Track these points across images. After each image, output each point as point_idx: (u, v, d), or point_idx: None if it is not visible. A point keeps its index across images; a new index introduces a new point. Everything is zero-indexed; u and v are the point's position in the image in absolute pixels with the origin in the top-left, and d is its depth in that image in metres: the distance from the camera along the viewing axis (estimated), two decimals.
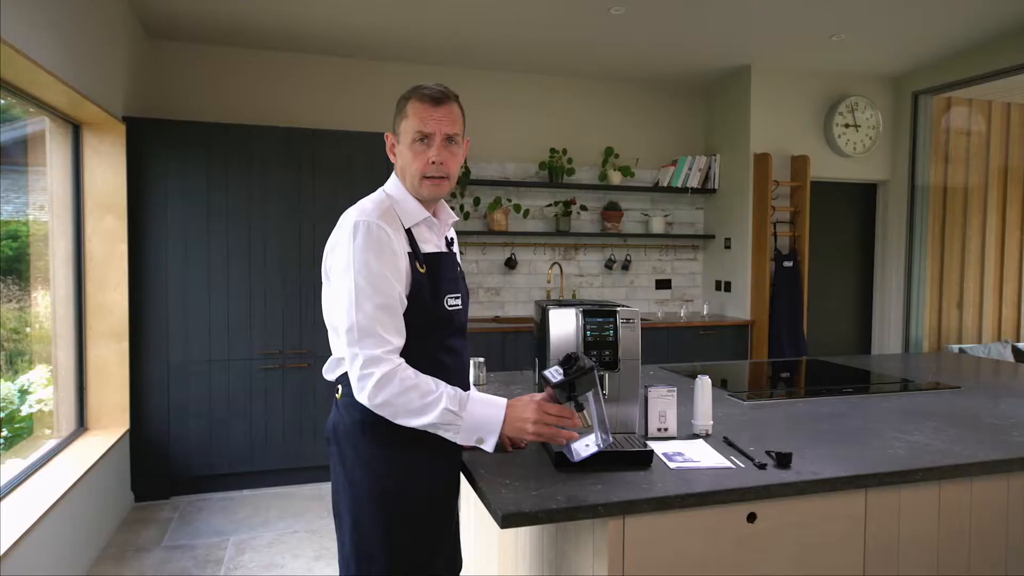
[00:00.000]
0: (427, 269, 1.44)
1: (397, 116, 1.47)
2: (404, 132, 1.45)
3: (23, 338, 3.08)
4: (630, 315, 1.56)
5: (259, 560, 2.94)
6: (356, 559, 1.42)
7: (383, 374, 1.30)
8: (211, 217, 3.64)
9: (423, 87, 1.45)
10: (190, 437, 3.64)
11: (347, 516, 1.44)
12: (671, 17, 3.84)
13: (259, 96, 4.36)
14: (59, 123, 3.17)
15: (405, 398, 1.31)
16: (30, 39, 2.26)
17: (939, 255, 5.12)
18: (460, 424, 1.32)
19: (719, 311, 5.15)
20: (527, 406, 1.35)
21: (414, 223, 1.46)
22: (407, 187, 1.48)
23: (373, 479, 1.41)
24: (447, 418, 1.31)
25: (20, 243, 3.06)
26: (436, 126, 1.42)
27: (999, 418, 1.94)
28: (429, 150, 1.43)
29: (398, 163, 1.49)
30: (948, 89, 4.71)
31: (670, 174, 5.05)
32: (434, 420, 1.31)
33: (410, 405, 1.31)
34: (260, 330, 3.73)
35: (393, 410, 1.32)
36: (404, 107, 1.45)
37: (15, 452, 2.87)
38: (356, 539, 1.42)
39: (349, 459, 1.43)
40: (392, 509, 1.41)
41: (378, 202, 1.44)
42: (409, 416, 1.32)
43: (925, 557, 1.53)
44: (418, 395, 1.31)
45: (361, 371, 1.31)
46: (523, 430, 1.34)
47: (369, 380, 1.30)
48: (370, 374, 1.30)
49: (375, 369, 1.30)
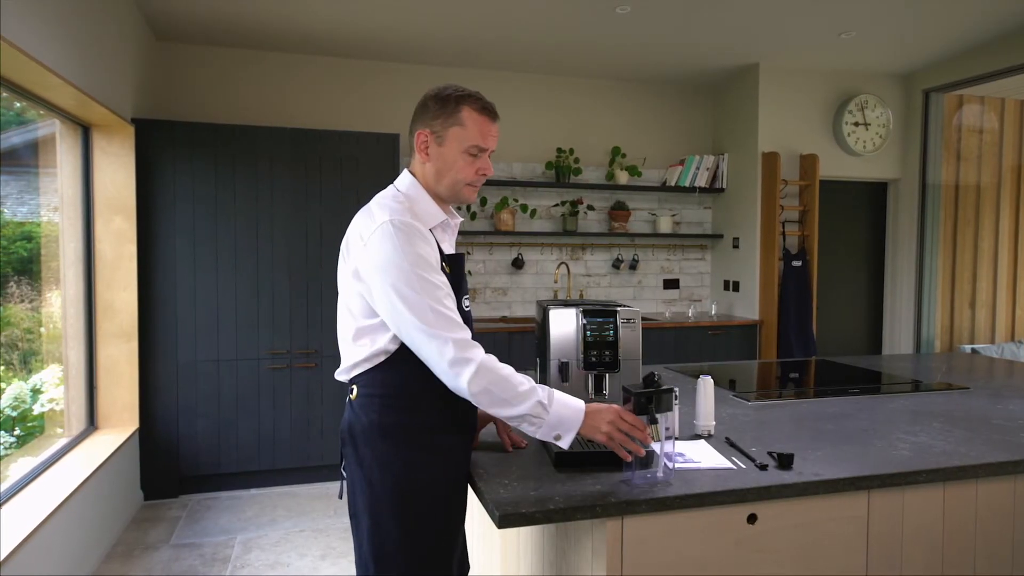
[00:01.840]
0: (451, 270, 1.44)
1: (444, 117, 1.43)
2: (456, 139, 1.42)
3: (36, 338, 3.12)
4: (630, 315, 1.55)
5: (265, 559, 2.96)
6: (375, 560, 1.42)
7: (482, 360, 1.31)
8: (219, 217, 3.66)
9: (477, 95, 1.45)
10: (198, 436, 3.67)
11: (365, 517, 1.43)
12: (677, 16, 3.82)
13: (266, 97, 4.39)
14: (69, 125, 3.20)
15: (502, 386, 1.31)
16: (39, 42, 2.28)
17: (951, 254, 5.06)
18: (545, 419, 1.33)
19: (727, 311, 5.12)
20: (608, 409, 1.36)
21: (433, 225, 1.45)
22: (435, 188, 1.46)
23: (392, 480, 1.40)
24: (536, 410, 1.32)
25: (34, 244, 3.10)
26: (493, 142, 1.46)
27: (1008, 419, 1.91)
28: (478, 161, 1.45)
29: (434, 164, 1.45)
30: (960, 86, 4.66)
31: (678, 173, 5.03)
32: (525, 411, 1.32)
33: (506, 394, 1.31)
34: (268, 330, 3.75)
35: (490, 398, 1.31)
36: (457, 113, 1.42)
37: (27, 450, 2.91)
38: (375, 540, 1.41)
39: (367, 460, 1.42)
40: (410, 510, 1.40)
41: (401, 202, 1.43)
42: (502, 405, 1.31)
43: (929, 559, 1.51)
44: (514, 385, 1.32)
45: (456, 355, 1.30)
46: (597, 429, 1.34)
47: (468, 366, 1.29)
48: (468, 360, 1.30)
49: (470, 355, 1.30)
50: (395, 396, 1.41)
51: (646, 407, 1.34)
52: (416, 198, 1.45)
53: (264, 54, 4.38)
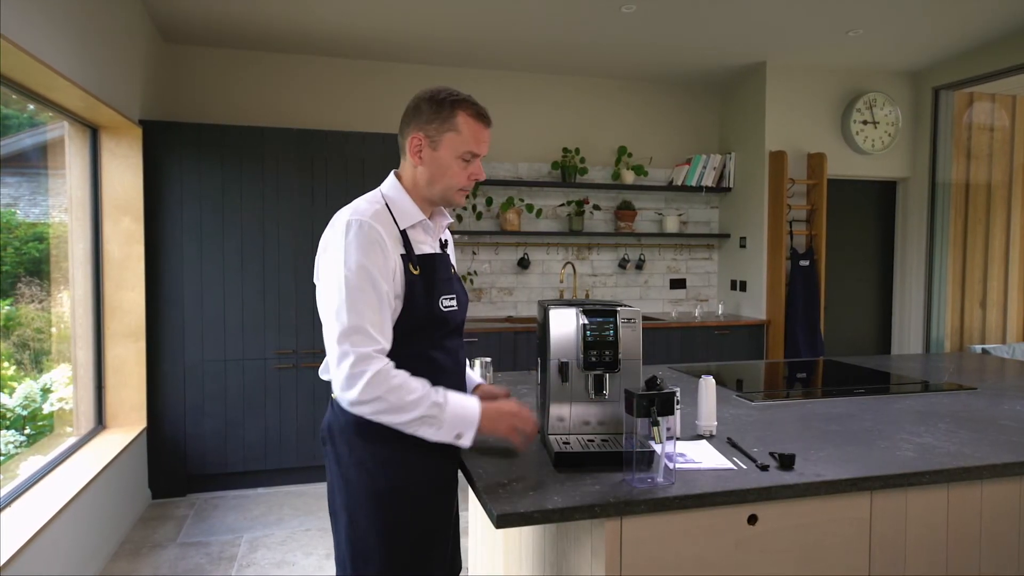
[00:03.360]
0: (421, 270, 1.43)
1: (440, 122, 1.42)
2: (450, 144, 1.43)
3: (47, 338, 3.15)
4: (631, 315, 1.54)
5: (271, 557, 2.97)
6: (352, 559, 1.42)
7: (376, 371, 1.30)
8: (226, 218, 3.69)
9: (470, 100, 1.45)
10: (206, 435, 3.69)
11: (343, 516, 1.44)
12: (683, 14, 3.80)
13: (272, 98, 4.41)
14: (77, 127, 3.24)
15: (397, 393, 1.31)
16: (48, 46, 2.30)
17: (961, 253, 5.01)
18: (442, 418, 1.34)
19: (734, 311, 5.10)
20: (507, 413, 1.42)
21: (409, 224, 1.46)
22: (432, 193, 1.47)
23: (368, 479, 1.41)
24: (433, 411, 1.33)
25: (45, 245, 3.14)
26: (486, 148, 1.47)
27: (1015, 420, 1.89)
28: (471, 166, 1.46)
29: (428, 168, 1.45)
30: (970, 84, 4.61)
31: (684, 173, 5.01)
32: (423, 412, 1.32)
33: (401, 400, 1.31)
34: (274, 330, 3.77)
35: (386, 404, 1.31)
36: (452, 119, 1.42)
37: (36, 449, 2.94)
38: (352, 539, 1.42)
39: (344, 459, 1.43)
40: (387, 508, 1.40)
41: (373, 202, 1.44)
42: (398, 412, 1.31)
43: (933, 560, 1.50)
44: (408, 390, 1.32)
45: (352, 369, 1.30)
46: (495, 431, 1.40)
47: (361, 378, 1.29)
48: (362, 372, 1.29)
49: (367, 367, 1.30)
50: None
51: (647, 410, 1.33)
52: (396, 199, 1.46)
53: (270, 55, 4.41)
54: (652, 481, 1.36)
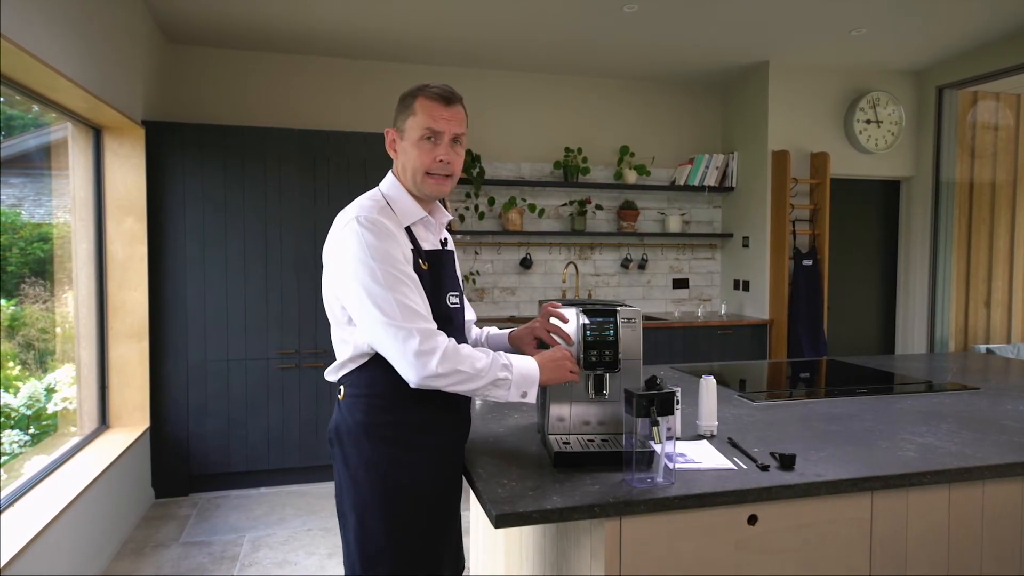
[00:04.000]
0: (430, 266, 1.45)
1: (402, 113, 1.48)
2: (411, 128, 1.45)
3: (51, 338, 3.16)
4: (631, 315, 1.54)
5: (273, 557, 2.98)
6: (361, 559, 1.43)
7: (447, 346, 1.33)
8: (228, 218, 3.69)
9: (431, 85, 1.46)
10: (209, 435, 3.70)
11: (351, 516, 1.44)
12: (685, 14, 3.80)
13: (274, 99, 4.42)
14: (80, 128, 3.25)
15: (469, 363, 1.34)
16: (50, 46, 2.31)
17: (965, 252, 4.98)
18: (511, 379, 1.37)
19: (737, 311, 5.09)
20: (552, 352, 1.47)
21: (412, 222, 1.47)
22: (407, 184, 1.48)
23: (377, 479, 1.41)
24: (503, 373, 1.37)
25: (49, 245, 3.15)
26: (446, 125, 1.45)
27: (1018, 420, 1.88)
28: (436, 148, 1.45)
29: (399, 159, 1.50)
30: (974, 83, 4.59)
31: (687, 172, 5.00)
32: (495, 376, 1.36)
33: (473, 368, 1.34)
34: (277, 330, 3.78)
35: (461, 376, 1.33)
36: (411, 104, 1.45)
37: (40, 448, 2.95)
38: (361, 539, 1.42)
39: (352, 460, 1.43)
40: (396, 509, 1.41)
41: (375, 200, 1.46)
42: (473, 380, 1.35)
43: (935, 560, 1.49)
44: (477, 358, 1.36)
45: (420, 347, 1.31)
46: (555, 373, 1.44)
47: (434, 355, 1.31)
48: (433, 348, 1.31)
49: (435, 343, 1.32)
50: (381, 396, 1.42)
51: (647, 410, 1.33)
52: (396, 197, 1.48)
53: (272, 56, 4.41)
54: (652, 481, 1.36)
